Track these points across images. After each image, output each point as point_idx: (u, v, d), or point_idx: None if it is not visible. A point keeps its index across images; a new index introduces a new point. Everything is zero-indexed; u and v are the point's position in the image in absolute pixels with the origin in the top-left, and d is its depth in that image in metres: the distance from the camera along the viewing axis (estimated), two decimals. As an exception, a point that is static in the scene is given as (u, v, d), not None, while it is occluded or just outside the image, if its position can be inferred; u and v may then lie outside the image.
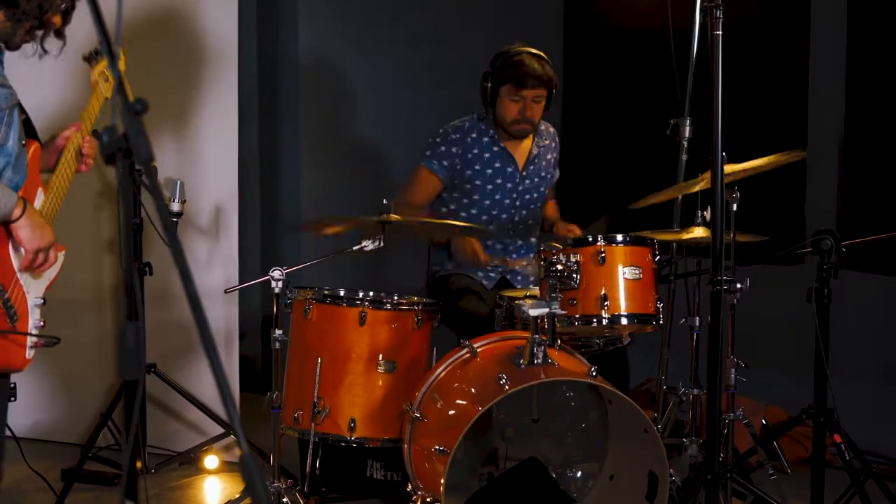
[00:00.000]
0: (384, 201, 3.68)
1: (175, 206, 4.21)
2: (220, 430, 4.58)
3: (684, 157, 4.65)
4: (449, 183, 4.50)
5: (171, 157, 4.64)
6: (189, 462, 4.64)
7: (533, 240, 4.64)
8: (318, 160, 5.84)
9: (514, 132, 4.44)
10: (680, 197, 4.70)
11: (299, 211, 5.79)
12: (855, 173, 5.27)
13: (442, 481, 3.33)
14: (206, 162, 4.70)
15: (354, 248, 3.73)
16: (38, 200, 3.10)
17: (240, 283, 4.56)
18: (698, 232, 4.00)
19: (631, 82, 5.88)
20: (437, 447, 3.39)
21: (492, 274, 4.53)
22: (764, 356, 5.07)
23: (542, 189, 4.58)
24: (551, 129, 4.67)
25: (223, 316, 4.69)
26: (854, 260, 5.05)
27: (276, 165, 5.87)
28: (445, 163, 4.48)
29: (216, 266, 4.70)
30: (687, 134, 4.59)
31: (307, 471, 3.82)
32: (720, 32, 3.39)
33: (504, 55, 4.39)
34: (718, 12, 3.37)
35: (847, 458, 3.73)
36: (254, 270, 5.36)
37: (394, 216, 3.69)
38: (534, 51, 4.40)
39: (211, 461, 4.59)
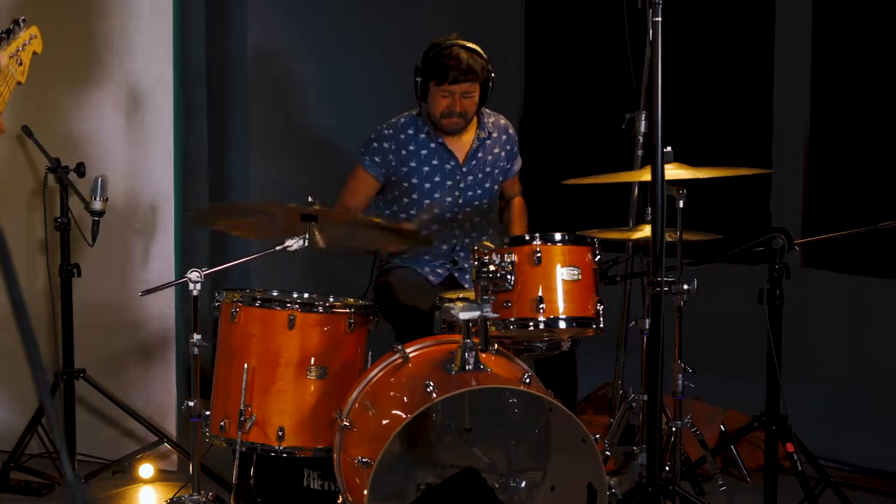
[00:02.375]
0: (308, 198, 3.48)
1: (96, 205, 4.02)
2: (155, 438, 4.40)
3: (640, 152, 4.51)
4: (386, 182, 4.34)
5: (112, 153, 4.46)
6: (123, 471, 4.44)
7: (484, 238, 4.46)
8: (267, 153, 5.67)
9: (445, 127, 4.26)
10: (636, 193, 4.54)
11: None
12: (822, 170, 5.11)
13: (365, 493, 3.14)
14: (144, 157, 4.51)
15: (278, 247, 3.54)
16: None
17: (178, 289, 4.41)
18: (649, 230, 3.81)
19: (590, 76, 5.73)
20: (360, 458, 3.21)
21: (439, 270, 4.35)
22: (725, 358, 4.93)
23: (487, 185, 4.39)
24: (502, 122, 4.47)
25: (158, 317, 4.51)
26: (818, 258, 4.91)
27: (224, 159, 5.68)
28: (378, 159, 4.33)
29: (152, 265, 4.51)
30: (642, 129, 4.44)
31: (234, 481, 3.63)
32: (660, 19, 3.21)
33: (434, 47, 4.21)
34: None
35: (800, 467, 3.55)
36: (201, 266, 5.17)
37: (317, 207, 3.49)
38: (466, 43, 4.20)
39: (146, 470, 4.40)
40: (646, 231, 3.84)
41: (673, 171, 3.51)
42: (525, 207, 4.59)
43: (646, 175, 3.41)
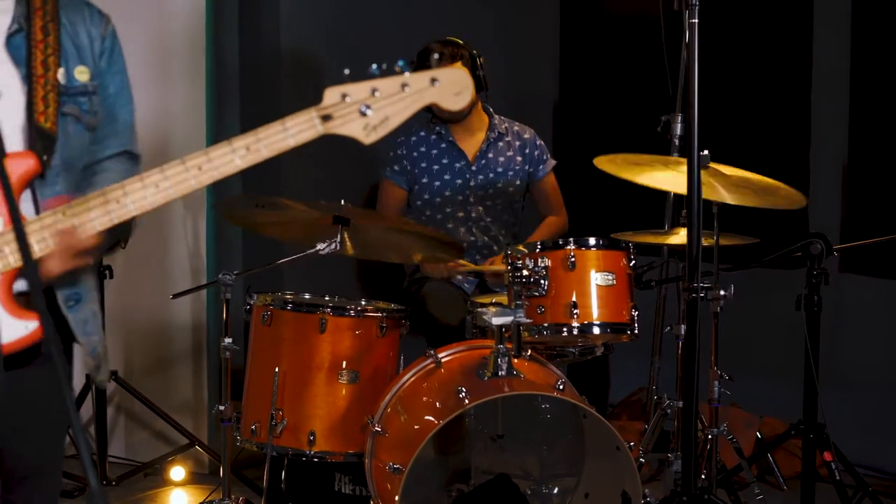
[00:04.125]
0: (342, 202, 3.46)
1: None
2: (186, 441, 4.39)
3: (675, 154, 4.45)
4: (410, 188, 4.39)
5: (144, 155, 4.44)
6: (154, 473, 4.44)
7: (501, 238, 4.45)
8: (299, 155, 5.62)
9: (448, 114, 4.29)
10: (671, 196, 4.48)
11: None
12: (860, 174, 5.03)
13: (396, 499, 3.12)
14: (174, 155, 4.49)
15: (308, 251, 3.52)
16: None
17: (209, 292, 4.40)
18: (684, 233, 3.76)
19: (626, 78, 5.66)
20: (392, 464, 3.18)
21: (471, 277, 4.35)
22: (760, 363, 4.85)
23: (500, 185, 4.41)
24: (516, 127, 4.54)
25: (190, 319, 4.50)
26: (856, 263, 4.83)
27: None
28: (398, 168, 4.44)
29: (185, 267, 4.51)
30: (678, 131, 4.38)
31: (265, 486, 3.61)
32: (696, 20, 3.16)
33: None
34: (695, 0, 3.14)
35: (837, 476, 3.50)
36: (233, 269, 5.16)
37: (348, 207, 3.47)
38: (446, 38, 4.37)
39: (177, 473, 4.39)
40: (681, 235, 3.78)
41: (706, 190, 3.44)
42: (558, 227, 4.57)
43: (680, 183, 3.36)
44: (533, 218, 4.62)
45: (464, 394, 3.12)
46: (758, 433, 4.30)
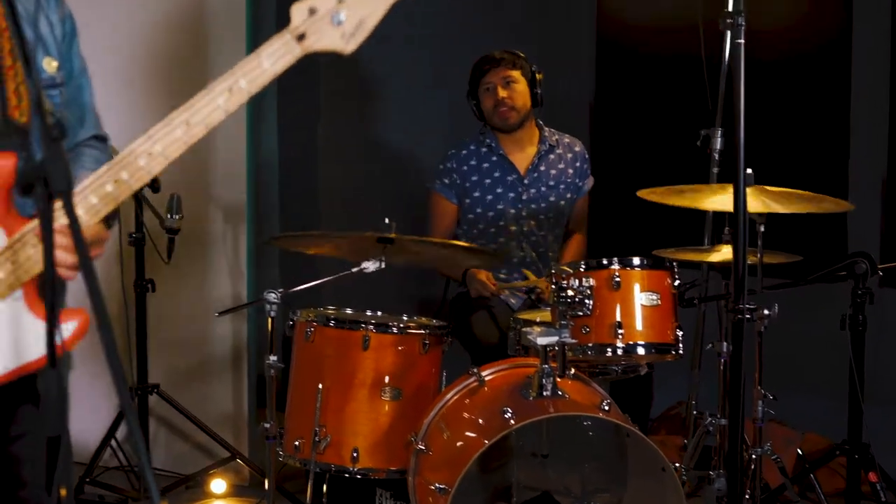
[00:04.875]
0: (385, 220, 3.46)
1: (172, 222, 4.05)
2: (227, 454, 4.41)
3: (715, 169, 4.43)
4: (459, 201, 4.37)
5: (184, 166, 4.46)
6: (196, 486, 4.46)
7: (551, 254, 4.45)
8: (339, 164, 5.64)
9: (497, 122, 4.37)
10: (710, 213, 4.47)
11: (318, 217, 5.60)
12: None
13: (442, 519, 3.12)
14: (214, 169, 4.53)
15: (354, 269, 3.52)
16: None
17: (250, 299, 4.43)
18: (726, 251, 3.76)
19: (662, 92, 5.65)
20: (438, 484, 3.19)
21: (519, 293, 4.35)
22: (803, 379, 4.83)
23: (552, 198, 4.42)
24: (566, 139, 4.52)
25: (230, 333, 4.52)
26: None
27: (294, 170, 5.67)
28: (447, 181, 4.44)
29: (225, 279, 4.53)
30: (718, 146, 4.37)
31: (308, 501, 3.63)
32: (742, 41, 3.14)
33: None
34: (740, 19, 3.12)
35: (883, 497, 3.48)
36: (271, 284, 5.17)
37: (393, 234, 3.47)
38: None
39: (218, 485, 4.41)
40: (723, 252, 3.78)
41: (754, 203, 3.43)
42: (584, 246, 4.58)
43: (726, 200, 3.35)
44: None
45: (509, 414, 3.13)
46: (798, 450, 4.28)
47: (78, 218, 1.73)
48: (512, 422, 3.12)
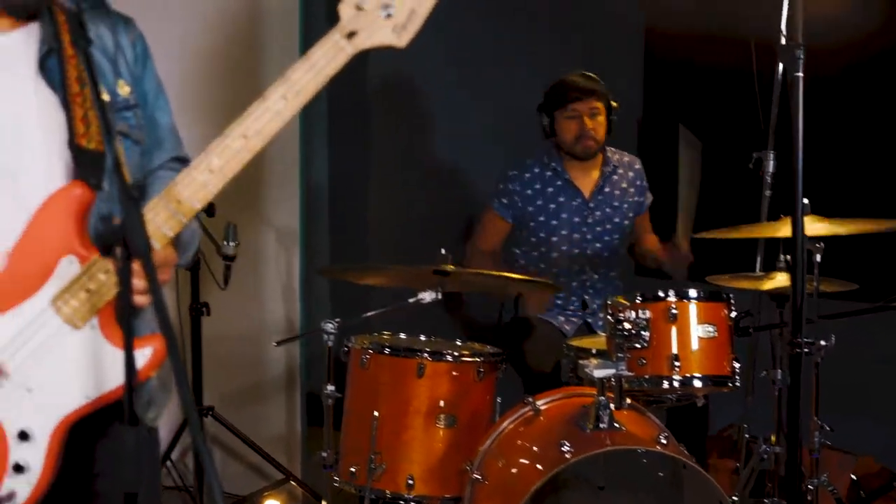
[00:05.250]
0: (441, 251, 3.48)
1: (229, 249, 4.09)
2: (280, 476, 4.45)
3: (768, 192, 4.41)
4: (517, 223, 4.37)
5: (238, 191, 4.51)
6: (250, 507, 4.51)
7: (613, 274, 4.46)
8: (391, 186, 5.65)
9: (579, 152, 4.34)
10: (762, 239, 4.45)
11: (366, 243, 5.61)
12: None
13: (499, 552, 3.14)
14: (267, 193, 4.57)
15: (411, 300, 3.55)
16: (62, 274, 2.11)
17: (303, 323, 4.46)
18: (780, 279, 3.75)
19: (711, 109, 5.61)
20: (494, 516, 3.20)
21: (574, 319, 4.35)
22: (859, 406, 4.79)
23: (616, 220, 4.41)
24: (626, 158, 4.52)
25: (283, 355, 4.56)
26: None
27: (347, 194, 5.70)
28: (506, 201, 4.41)
29: (278, 302, 4.57)
30: (770, 168, 4.35)
31: (362, 529, 3.65)
32: (801, 74, 3.14)
33: (554, 82, 4.37)
34: (799, 52, 3.12)
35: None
36: (323, 308, 5.20)
37: (449, 266, 3.49)
38: (581, 72, 4.36)
39: (271, 506, 4.46)
40: (777, 280, 3.77)
41: (813, 226, 3.43)
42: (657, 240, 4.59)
43: (784, 230, 3.35)
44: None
45: (567, 447, 3.14)
46: (852, 475, 4.26)
47: (154, 268, 1.76)
48: (569, 455, 3.13)
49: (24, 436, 2.08)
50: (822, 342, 3.40)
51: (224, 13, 4.58)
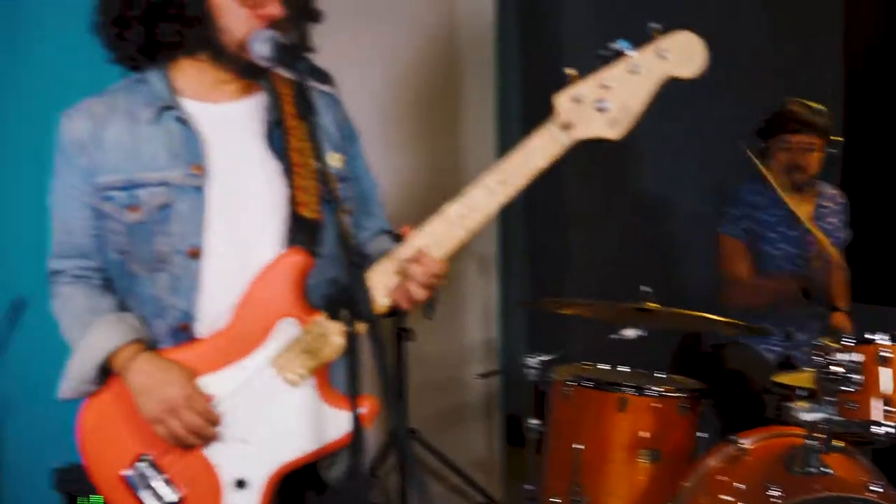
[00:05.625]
0: (642, 287, 3.49)
1: (436, 281, 4.18)
2: (482, 499, 4.52)
3: None
4: (750, 247, 4.35)
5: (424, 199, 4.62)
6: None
7: (819, 307, 4.37)
8: (589, 215, 5.63)
9: (789, 183, 4.28)
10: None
11: (564, 271, 5.60)
12: None
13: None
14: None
15: (613, 335, 3.56)
16: (280, 335, 2.25)
17: (501, 349, 4.52)
18: None
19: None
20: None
21: (775, 348, 4.28)
22: None
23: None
24: (829, 190, 4.42)
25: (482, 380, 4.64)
26: None
27: (545, 220, 5.72)
28: (735, 224, 4.38)
29: (476, 325, 4.64)
30: None
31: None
32: None
33: (776, 108, 4.31)
34: None
35: None
36: (521, 334, 5.24)
37: (651, 305, 3.49)
38: (806, 102, 4.28)
39: (473, 529, 4.54)
40: None
41: None
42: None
43: None
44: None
45: (774, 490, 3.11)
46: None
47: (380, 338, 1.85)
48: (777, 499, 3.10)
49: (241, 484, 2.25)
50: None
51: (422, 51, 4.68)
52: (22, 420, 3.94)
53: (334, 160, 2.39)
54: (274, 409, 2.23)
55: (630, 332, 3.54)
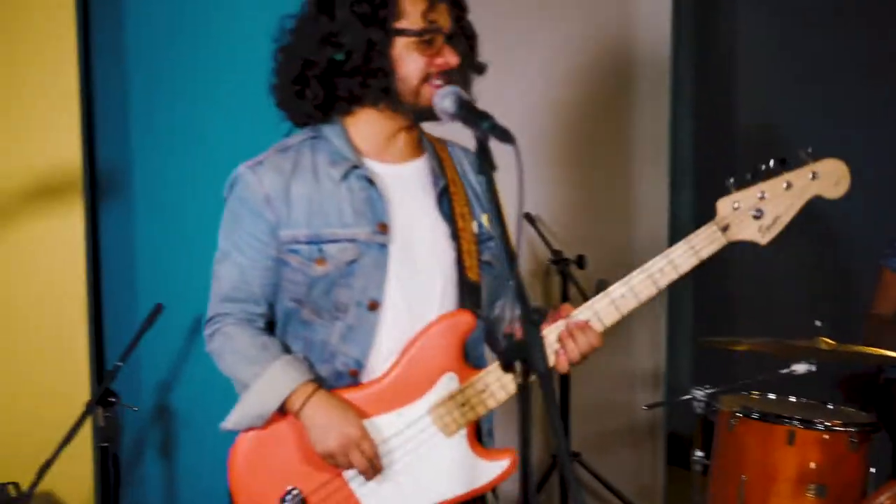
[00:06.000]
0: (816, 322, 3.44)
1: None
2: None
3: None
4: None
5: (600, 240, 4.62)
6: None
7: None
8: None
9: None
10: None
11: (730, 300, 5.54)
12: None
13: None
14: (635, 246, 4.65)
15: (782, 371, 3.52)
16: (441, 387, 2.43)
17: (667, 374, 4.51)
18: None
19: None
20: None
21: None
22: None
23: None
24: None
25: (647, 399, 4.63)
26: None
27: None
28: None
29: (643, 356, 4.64)
30: None
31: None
32: None
33: None
34: None
35: None
36: (687, 363, 5.21)
37: (825, 341, 3.44)
38: None
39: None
40: None
41: None
42: None
43: None
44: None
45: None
46: None
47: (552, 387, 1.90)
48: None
49: None
50: None
51: (598, 59, 4.69)
52: (199, 438, 4.12)
53: (485, 220, 2.53)
54: (426, 455, 2.40)
55: (801, 368, 3.49)
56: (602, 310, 2.36)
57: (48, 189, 3.76)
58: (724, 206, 2.36)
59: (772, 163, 2.37)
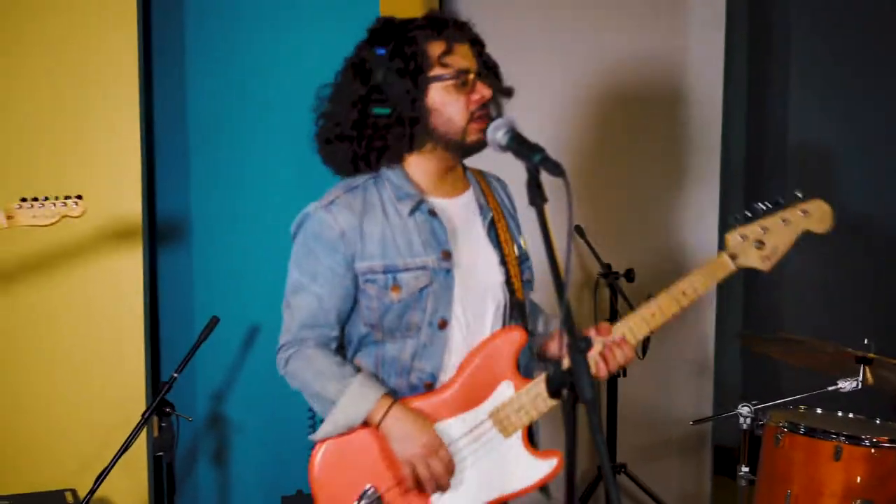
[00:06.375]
0: (865, 340, 3.45)
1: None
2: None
3: None
4: None
5: (649, 258, 4.65)
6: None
7: None
8: (809, 252, 5.52)
9: None
10: None
11: (779, 315, 5.55)
12: None
13: None
14: (683, 259, 4.68)
15: (829, 388, 3.54)
16: (500, 394, 2.66)
17: (715, 387, 4.52)
18: None
19: None
20: None
21: None
22: None
23: None
24: None
25: (692, 415, 4.64)
26: None
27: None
28: None
29: (689, 369, 4.66)
30: None
31: None
32: None
33: None
34: None
35: None
36: (735, 377, 5.21)
37: (871, 355, 3.45)
38: None
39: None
40: None
41: None
42: None
43: None
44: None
45: None
46: None
47: (599, 421, 1.96)
48: None
49: None
50: None
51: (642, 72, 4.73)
52: (251, 447, 4.20)
53: (523, 242, 2.80)
54: (489, 455, 2.64)
55: (847, 384, 3.51)
56: (634, 325, 2.65)
57: (113, 233, 3.99)
58: (733, 238, 2.71)
59: (781, 201, 2.72)
